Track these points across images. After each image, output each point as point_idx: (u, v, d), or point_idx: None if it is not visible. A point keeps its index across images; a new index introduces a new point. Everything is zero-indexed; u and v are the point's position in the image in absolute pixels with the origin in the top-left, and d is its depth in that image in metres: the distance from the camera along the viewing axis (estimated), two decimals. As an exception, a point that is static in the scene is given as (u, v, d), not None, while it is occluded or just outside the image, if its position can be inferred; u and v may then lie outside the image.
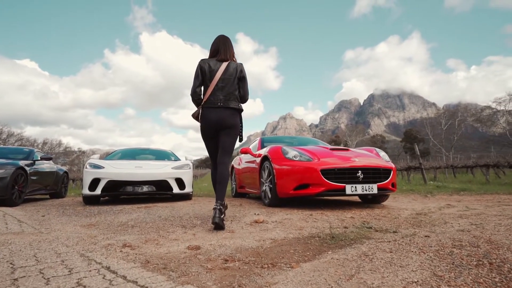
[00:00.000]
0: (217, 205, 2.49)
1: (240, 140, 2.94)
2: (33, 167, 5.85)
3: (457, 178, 13.11)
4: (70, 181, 16.42)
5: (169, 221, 2.97)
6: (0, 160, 4.99)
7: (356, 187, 3.46)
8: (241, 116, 2.88)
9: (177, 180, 5.14)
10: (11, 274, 1.42)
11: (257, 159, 4.65)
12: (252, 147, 5.65)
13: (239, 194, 6.19)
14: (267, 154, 4.08)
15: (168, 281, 1.33)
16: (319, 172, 3.47)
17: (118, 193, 4.86)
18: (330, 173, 3.49)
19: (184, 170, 5.33)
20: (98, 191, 4.72)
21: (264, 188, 4.20)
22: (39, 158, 6.32)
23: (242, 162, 5.70)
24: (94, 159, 5.31)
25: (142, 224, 2.81)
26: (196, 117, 2.83)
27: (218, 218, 2.43)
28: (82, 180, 4.97)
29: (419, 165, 8.71)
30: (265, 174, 4.17)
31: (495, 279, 1.28)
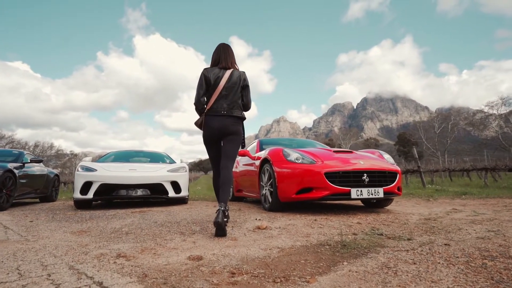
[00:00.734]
0: (221, 206, 2.43)
1: (243, 147, 2.96)
2: (23, 170, 5.60)
3: (454, 182, 13.10)
4: (62, 184, 16.05)
5: (166, 227, 2.78)
6: (-13, 162, 4.74)
7: (362, 191, 3.32)
8: (243, 124, 2.90)
9: (173, 184, 4.95)
10: (-12, 292, 1.24)
11: (256, 162, 4.49)
12: (250, 149, 5.49)
13: (237, 198, 6.01)
14: (268, 157, 3.92)
15: (170, 300, 1.16)
16: (323, 175, 3.32)
17: (111, 197, 4.65)
18: (335, 176, 3.35)
19: (180, 173, 5.14)
20: (90, 195, 4.50)
21: (264, 192, 4.04)
22: (29, 161, 6.07)
23: (240, 165, 5.53)
24: (86, 162, 5.09)
25: (137, 231, 2.62)
26: (200, 125, 2.83)
27: (221, 219, 2.35)
28: (74, 184, 4.75)
29: (418, 168, 8.64)
30: (265, 177, 4.01)
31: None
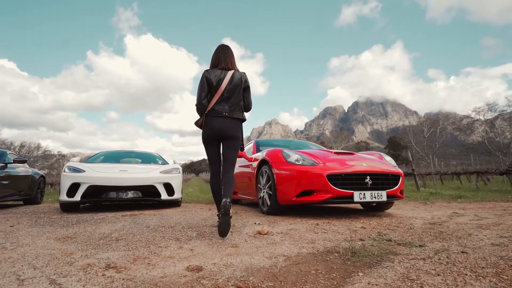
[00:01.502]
0: (227, 199, 2.46)
1: (241, 150, 2.96)
2: (5, 171, 5.30)
3: (445, 185, 13.19)
4: (48, 186, 15.55)
5: (160, 233, 2.59)
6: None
7: (365, 194, 3.19)
8: (242, 126, 2.90)
9: (166, 186, 4.74)
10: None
11: (254, 163, 4.33)
12: (246, 151, 5.32)
13: (232, 201, 5.82)
14: (266, 158, 3.77)
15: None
16: (325, 178, 3.18)
17: (100, 200, 4.41)
18: (337, 179, 3.22)
19: (173, 175, 4.94)
20: (78, 197, 4.26)
21: (262, 195, 3.88)
22: (12, 161, 5.76)
23: (235, 166, 5.35)
24: (74, 162, 4.84)
25: (129, 237, 2.42)
26: (200, 125, 2.81)
27: (228, 207, 2.40)
28: (60, 185, 4.50)
29: (412, 172, 8.61)
30: (263, 180, 3.85)
31: None
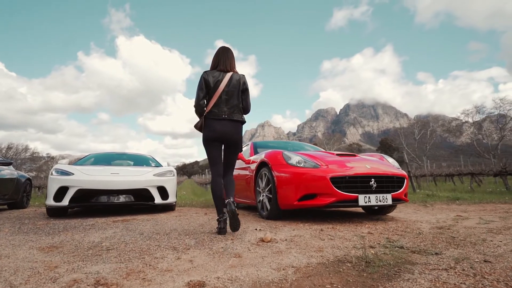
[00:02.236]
0: (231, 199, 2.58)
1: (240, 151, 3.01)
2: (-12, 174, 5.02)
3: (439, 186, 13.23)
4: (36, 189, 15.08)
5: (155, 241, 2.40)
6: None
7: (370, 198, 3.06)
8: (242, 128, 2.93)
9: (160, 189, 4.53)
10: None
11: (252, 166, 4.17)
12: (243, 152, 5.16)
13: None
14: (266, 160, 3.61)
15: None
16: (329, 180, 3.04)
17: (90, 204, 4.18)
18: (341, 182, 3.08)
19: (167, 178, 4.74)
20: (66, 202, 4.02)
21: (261, 199, 3.71)
22: (-4, 163, 5.48)
23: (232, 169, 5.17)
24: (62, 165, 4.60)
25: (121, 246, 2.23)
26: (200, 128, 2.82)
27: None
28: (47, 189, 4.25)
29: (408, 173, 8.56)
30: (263, 183, 3.69)
31: None
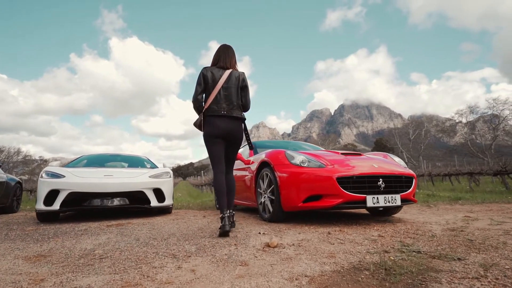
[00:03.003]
0: (226, 213, 2.55)
1: (251, 148, 3.23)
2: (-26, 177, 4.79)
3: (436, 186, 13.19)
4: (28, 193, 14.74)
5: (152, 247, 2.23)
6: None
7: (378, 199, 2.91)
8: (245, 124, 2.92)
9: (156, 191, 4.34)
10: None
11: (252, 166, 4.01)
12: (242, 152, 4.99)
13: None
14: (267, 160, 3.45)
15: None
16: (335, 181, 2.89)
17: (82, 208, 3.98)
18: (348, 182, 2.93)
19: (164, 179, 4.55)
20: (56, 206, 3.81)
21: (263, 200, 3.55)
22: (-17, 166, 5.24)
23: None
24: (53, 167, 4.39)
25: (115, 254, 2.05)
26: (199, 126, 2.80)
27: (228, 227, 2.50)
28: (37, 192, 4.05)
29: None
30: (264, 184, 3.53)
31: None
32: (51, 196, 3.84)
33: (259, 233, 2.68)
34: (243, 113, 2.85)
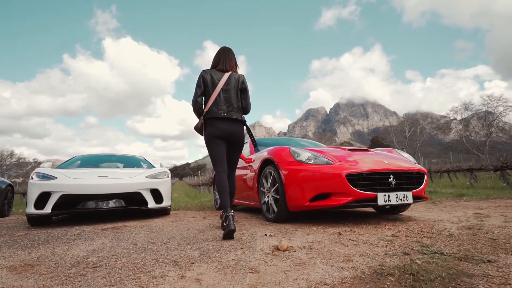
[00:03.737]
0: (230, 212, 2.45)
1: (255, 146, 3.16)
2: (-39, 180, 4.55)
3: (435, 183, 13.13)
4: (21, 196, 14.43)
5: (151, 253, 2.05)
6: None
7: (390, 196, 2.76)
8: (247, 125, 2.93)
9: (153, 192, 4.15)
10: None
11: (254, 164, 3.84)
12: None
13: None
14: (271, 157, 3.28)
15: None
16: (344, 178, 2.73)
17: (76, 211, 3.77)
18: (357, 179, 2.77)
19: (161, 179, 4.36)
20: (48, 209, 3.61)
21: (267, 200, 3.38)
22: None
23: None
24: (44, 168, 4.17)
25: (111, 261, 1.87)
26: (200, 129, 2.79)
27: (233, 226, 2.39)
28: (27, 195, 3.83)
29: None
30: (268, 182, 3.36)
31: None
32: (42, 199, 3.63)
33: (265, 235, 2.51)
34: (243, 116, 2.85)
